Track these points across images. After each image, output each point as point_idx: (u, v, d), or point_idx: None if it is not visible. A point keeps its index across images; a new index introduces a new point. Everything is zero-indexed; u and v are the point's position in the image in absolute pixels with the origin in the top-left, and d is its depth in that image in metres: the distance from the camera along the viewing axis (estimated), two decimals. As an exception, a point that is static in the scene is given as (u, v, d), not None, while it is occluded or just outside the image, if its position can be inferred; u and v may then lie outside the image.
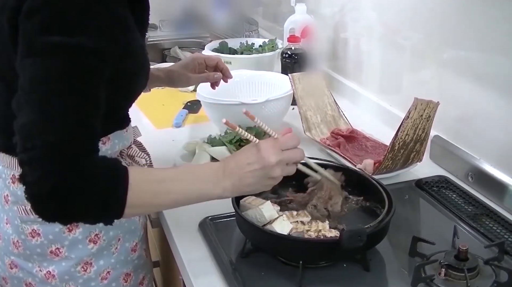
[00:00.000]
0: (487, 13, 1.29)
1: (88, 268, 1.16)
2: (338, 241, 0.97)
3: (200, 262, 1.09)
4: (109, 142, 1.13)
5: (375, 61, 1.79)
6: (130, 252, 1.21)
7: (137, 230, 1.23)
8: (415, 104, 1.27)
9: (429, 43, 1.51)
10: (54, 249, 1.13)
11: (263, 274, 1.04)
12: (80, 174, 0.89)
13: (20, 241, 1.13)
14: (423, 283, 0.99)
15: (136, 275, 1.24)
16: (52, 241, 1.12)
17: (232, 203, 1.10)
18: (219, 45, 2.16)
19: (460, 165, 1.38)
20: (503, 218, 1.21)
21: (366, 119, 1.73)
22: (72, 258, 1.14)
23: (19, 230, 1.13)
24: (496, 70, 1.28)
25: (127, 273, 1.22)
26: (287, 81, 1.63)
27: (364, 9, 1.81)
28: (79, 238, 1.13)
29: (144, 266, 1.28)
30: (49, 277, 1.15)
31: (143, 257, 1.26)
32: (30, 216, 1.10)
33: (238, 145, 1.43)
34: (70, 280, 1.15)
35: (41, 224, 1.11)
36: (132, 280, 1.23)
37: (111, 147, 1.14)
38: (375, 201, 1.17)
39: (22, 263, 1.15)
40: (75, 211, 0.91)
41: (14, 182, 1.11)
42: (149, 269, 1.32)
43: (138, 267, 1.24)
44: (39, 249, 1.13)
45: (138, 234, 1.23)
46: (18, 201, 1.11)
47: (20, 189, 1.09)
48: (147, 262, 1.30)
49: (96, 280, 1.17)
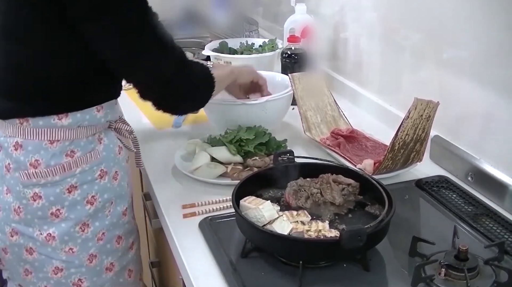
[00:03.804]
0: (487, 13, 1.29)
1: (86, 228, 1.24)
2: (338, 241, 0.97)
3: (200, 262, 1.10)
4: (103, 111, 1.23)
5: (375, 61, 1.79)
6: (121, 216, 1.30)
7: (126, 195, 1.32)
8: (415, 104, 1.27)
9: (429, 43, 1.51)
10: (54, 210, 1.21)
11: (263, 274, 1.04)
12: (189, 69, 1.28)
13: (22, 206, 1.21)
14: (423, 283, 0.99)
15: (127, 239, 1.33)
16: (53, 202, 1.20)
17: (232, 203, 1.10)
18: (219, 45, 2.16)
19: (460, 165, 1.38)
20: (503, 218, 1.21)
21: (366, 119, 1.73)
22: (71, 218, 1.22)
23: (21, 195, 1.20)
24: (496, 70, 1.28)
25: (119, 235, 1.31)
26: (287, 81, 1.63)
27: (364, 9, 1.80)
28: (77, 199, 1.22)
29: (133, 232, 1.37)
30: (50, 239, 1.22)
31: (131, 223, 1.36)
32: (33, 179, 1.18)
33: (238, 145, 1.44)
34: (69, 240, 1.23)
35: (42, 187, 1.19)
36: (124, 243, 1.32)
37: (104, 115, 1.23)
38: (375, 201, 1.17)
39: (22, 229, 1.22)
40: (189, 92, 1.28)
41: (17, 149, 1.18)
42: (137, 236, 1.41)
43: (127, 232, 1.33)
44: (40, 211, 1.21)
45: (127, 199, 1.32)
46: (21, 167, 1.19)
47: (22, 154, 1.18)
48: (135, 230, 1.39)
49: (93, 240, 1.26)
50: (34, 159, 1.18)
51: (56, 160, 1.19)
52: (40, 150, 1.18)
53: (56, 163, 1.19)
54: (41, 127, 1.17)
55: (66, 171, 1.19)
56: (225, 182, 1.36)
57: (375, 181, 1.18)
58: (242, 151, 1.43)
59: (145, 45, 1.17)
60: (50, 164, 1.18)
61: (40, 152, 1.18)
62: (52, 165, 1.18)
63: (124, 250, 1.33)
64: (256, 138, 1.45)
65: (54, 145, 1.18)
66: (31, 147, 1.18)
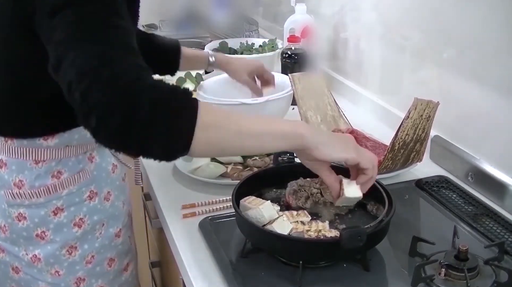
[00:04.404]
0: (487, 13, 1.29)
1: (73, 251, 1.19)
2: (338, 241, 0.97)
3: (200, 262, 1.09)
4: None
5: (375, 61, 1.79)
6: (114, 238, 1.24)
7: (121, 216, 1.25)
8: (415, 104, 1.27)
9: (429, 43, 1.51)
10: (39, 232, 1.15)
11: (263, 274, 1.04)
12: (143, 102, 0.83)
13: (7, 225, 1.16)
14: (423, 283, 0.99)
15: (121, 261, 1.27)
16: (37, 224, 1.15)
17: (232, 203, 1.10)
18: (219, 45, 2.16)
19: (460, 165, 1.38)
20: (503, 218, 1.21)
21: (366, 119, 1.73)
22: (57, 241, 1.16)
23: (6, 214, 1.15)
24: (496, 70, 1.28)
25: (111, 258, 1.25)
26: (287, 81, 1.63)
27: (364, 9, 1.81)
28: (64, 221, 1.16)
29: (129, 253, 1.31)
30: (35, 261, 1.18)
31: (127, 244, 1.29)
32: (17, 199, 1.13)
33: (238, 145, 1.43)
34: (55, 263, 1.18)
35: (27, 208, 1.14)
36: (116, 265, 1.26)
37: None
38: (375, 201, 1.17)
39: (8, 247, 1.18)
40: (145, 141, 0.85)
41: (1, 167, 1.13)
42: (133, 256, 1.35)
43: (122, 253, 1.27)
44: (25, 232, 1.15)
45: (121, 219, 1.25)
46: (5, 185, 1.13)
47: (6, 173, 1.12)
48: (132, 249, 1.33)
49: (80, 264, 1.20)
50: (18, 178, 1.12)
51: (40, 181, 1.12)
52: (24, 169, 1.12)
53: (40, 185, 1.12)
54: (26, 147, 1.11)
55: (51, 193, 1.13)
56: (225, 182, 1.36)
57: (375, 181, 1.18)
58: (242, 151, 1.43)
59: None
60: (34, 185, 1.12)
61: (24, 172, 1.12)
62: (37, 186, 1.12)
63: (116, 272, 1.27)
64: (256, 139, 1.45)
65: (39, 165, 1.12)
66: (14, 166, 1.12)
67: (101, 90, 0.84)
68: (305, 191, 1.17)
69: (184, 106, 0.87)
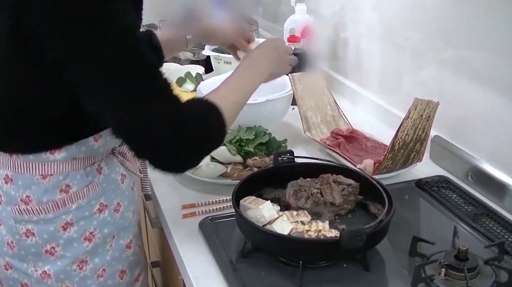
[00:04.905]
0: (488, 13, 1.29)
1: (84, 266, 1.15)
2: (338, 241, 0.97)
3: (200, 262, 1.09)
4: (101, 140, 1.11)
5: (375, 61, 1.79)
6: (125, 249, 1.21)
7: (131, 227, 1.22)
8: (415, 104, 1.27)
9: (429, 43, 1.50)
10: (49, 248, 1.12)
11: (263, 274, 1.04)
12: (183, 127, 1.00)
13: (15, 241, 1.13)
14: (423, 283, 0.99)
15: (132, 272, 1.24)
16: (47, 240, 1.12)
17: (232, 203, 1.10)
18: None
19: (460, 165, 1.38)
20: (503, 218, 1.21)
21: (366, 119, 1.73)
22: (67, 256, 1.13)
23: (13, 230, 1.12)
24: (496, 70, 1.28)
25: (122, 270, 1.21)
26: (287, 81, 1.63)
27: (364, 9, 1.80)
28: (74, 236, 1.13)
29: (139, 263, 1.28)
30: (45, 277, 1.14)
31: (138, 254, 1.26)
32: (24, 216, 1.10)
33: (238, 145, 1.44)
34: (66, 279, 1.15)
35: (35, 224, 1.11)
36: (128, 277, 1.23)
37: (103, 144, 1.12)
38: (375, 201, 1.17)
39: (17, 263, 1.15)
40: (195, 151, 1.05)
41: (7, 182, 1.10)
42: (144, 266, 1.32)
43: (133, 264, 1.24)
44: (34, 248, 1.12)
45: (132, 231, 1.22)
46: (12, 201, 1.10)
47: (13, 189, 1.09)
48: (142, 259, 1.30)
49: (92, 278, 1.17)
50: (25, 194, 1.09)
51: (48, 196, 1.09)
52: (31, 185, 1.08)
53: (48, 200, 1.09)
54: (32, 161, 1.08)
55: (60, 208, 1.10)
56: (225, 182, 1.36)
57: (375, 181, 1.18)
58: (242, 151, 1.43)
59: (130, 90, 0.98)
60: (42, 201, 1.09)
61: (31, 187, 1.08)
62: (45, 201, 1.09)
63: (128, 284, 1.24)
64: (256, 138, 1.45)
65: (46, 179, 1.08)
66: (21, 182, 1.09)
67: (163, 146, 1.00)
68: (305, 191, 1.17)
69: (216, 121, 1.07)
